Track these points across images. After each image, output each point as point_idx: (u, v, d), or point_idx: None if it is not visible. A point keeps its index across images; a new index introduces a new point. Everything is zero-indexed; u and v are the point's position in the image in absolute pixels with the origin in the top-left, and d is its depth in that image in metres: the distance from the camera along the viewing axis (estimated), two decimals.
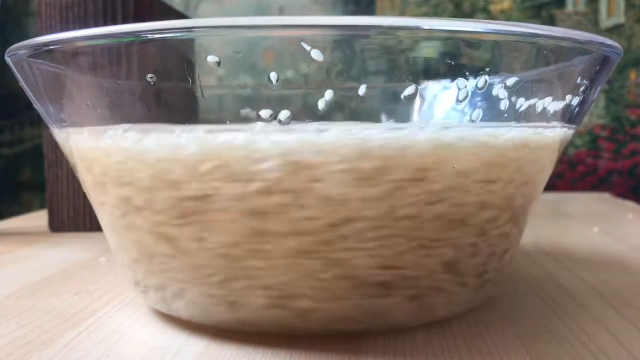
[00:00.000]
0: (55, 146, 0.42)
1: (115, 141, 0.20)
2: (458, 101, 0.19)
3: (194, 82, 0.19)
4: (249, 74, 0.20)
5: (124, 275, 0.24)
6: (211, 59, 0.18)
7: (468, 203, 0.20)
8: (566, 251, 0.35)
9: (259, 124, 0.18)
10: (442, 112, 0.22)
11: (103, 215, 0.23)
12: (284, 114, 0.18)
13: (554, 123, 0.21)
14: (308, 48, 0.18)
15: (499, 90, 0.19)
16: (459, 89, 0.19)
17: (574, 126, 0.23)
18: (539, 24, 0.35)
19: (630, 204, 0.57)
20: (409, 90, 0.19)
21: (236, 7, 0.77)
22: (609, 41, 0.21)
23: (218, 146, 0.18)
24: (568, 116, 0.22)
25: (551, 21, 0.73)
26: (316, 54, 0.18)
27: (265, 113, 0.18)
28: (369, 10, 0.76)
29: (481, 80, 0.19)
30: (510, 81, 0.19)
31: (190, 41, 0.18)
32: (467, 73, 0.19)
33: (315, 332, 0.21)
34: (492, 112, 0.19)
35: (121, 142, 0.20)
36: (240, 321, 0.21)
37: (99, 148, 0.20)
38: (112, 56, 0.20)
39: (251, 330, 0.21)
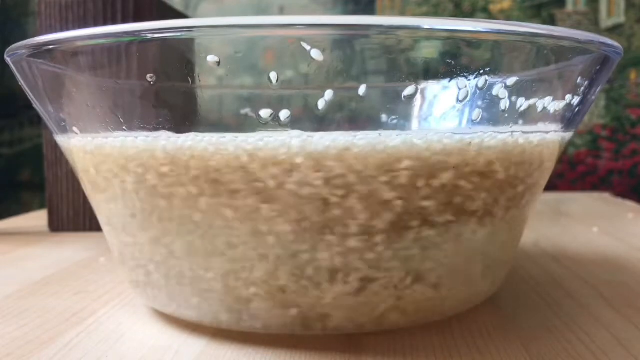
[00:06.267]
0: (55, 146, 0.42)
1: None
2: (458, 101, 0.19)
3: (194, 82, 0.19)
4: (249, 74, 0.20)
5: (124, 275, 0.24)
6: (211, 59, 0.18)
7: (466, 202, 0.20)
8: (566, 251, 0.35)
9: None
10: (442, 112, 0.22)
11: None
12: (284, 114, 0.18)
13: (552, 127, 0.21)
14: (308, 48, 0.18)
15: (499, 90, 0.19)
16: (459, 89, 0.19)
17: (571, 130, 0.23)
18: (539, 24, 0.35)
19: (630, 204, 0.57)
20: (409, 90, 0.19)
21: (236, 7, 0.77)
22: (609, 41, 0.21)
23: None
24: (568, 116, 0.22)
25: (551, 21, 0.73)
26: (316, 54, 0.18)
27: (265, 113, 0.18)
28: (369, 10, 0.76)
29: (481, 80, 0.19)
30: (510, 81, 0.19)
31: (190, 41, 0.18)
32: (467, 73, 0.19)
33: None
34: (492, 112, 0.19)
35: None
36: None
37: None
38: (112, 56, 0.20)
39: None
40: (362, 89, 0.19)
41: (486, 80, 0.19)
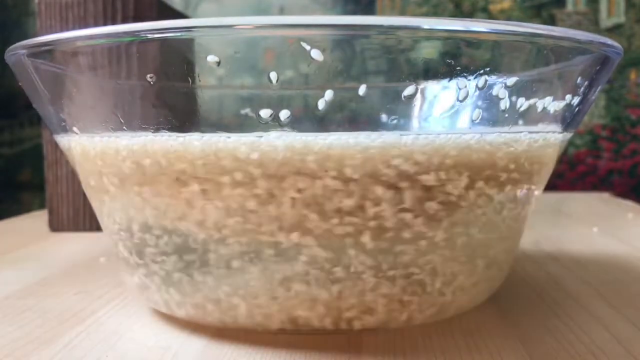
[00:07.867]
0: (55, 146, 0.42)
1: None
2: (458, 101, 0.19)
3: (194, 82, 0.19)
4: (249, 74, 0.20)
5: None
6: (211, 59, 0.18)
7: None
8: (566, 251, 0.35)
9: None
10: (442, 112, 0.22)
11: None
12: (284, 114, 0.18)
13: (552, 127, 0.21)
14: (308, 48, 0.18)
15: (499, 90, 0.19)
16: (459, 89, 0.19)
17: (571, 131, 0.23)
18: (539, 24, 0.35)
19: (630, 204, 0.57)
20: (409, 90, 0.19)
21: (236, 7, 0.77)
22: (609, 41, 0.21)
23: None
24: (568, 116, 0.22)
25: (551, 21, 0.73)
26: (316, 54, 0.18)
27: (265, 113, 0.18)
28: (369, 10, 0.76)
29: (481, 80, 0.19)
30: (511, 81, 0.19)
31: (190, 41, 0.18)
32: (467, 73, 0.19)
33: None
34: (492, 112, 0.19)
35: None
36: None
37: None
38: (112, 56, 0.20)
39: None
40: (362, 89, 0.19)
41: (486, 80, 0.19)
